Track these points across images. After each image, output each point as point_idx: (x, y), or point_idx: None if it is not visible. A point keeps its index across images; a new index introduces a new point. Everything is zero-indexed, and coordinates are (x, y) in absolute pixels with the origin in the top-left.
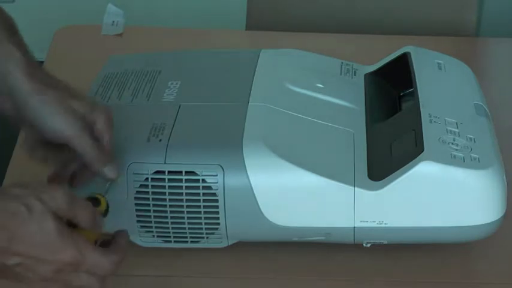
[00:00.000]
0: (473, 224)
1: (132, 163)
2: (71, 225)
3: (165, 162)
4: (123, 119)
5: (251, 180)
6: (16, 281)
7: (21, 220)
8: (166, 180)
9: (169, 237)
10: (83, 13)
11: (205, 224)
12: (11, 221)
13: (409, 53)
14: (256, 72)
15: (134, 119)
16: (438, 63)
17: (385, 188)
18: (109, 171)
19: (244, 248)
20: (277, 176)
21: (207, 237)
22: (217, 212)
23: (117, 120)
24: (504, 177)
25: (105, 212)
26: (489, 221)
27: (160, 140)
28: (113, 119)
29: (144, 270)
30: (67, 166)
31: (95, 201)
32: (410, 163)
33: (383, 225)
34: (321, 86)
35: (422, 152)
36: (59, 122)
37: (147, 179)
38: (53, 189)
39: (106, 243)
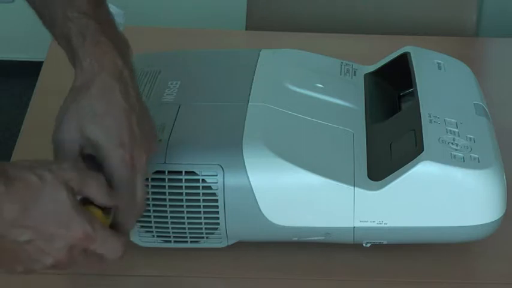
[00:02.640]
0: (473, 224)
1: None
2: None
3: (165, 162)
4: None
5: (251, 180)
6: (27, 268)
7: (33, 190)
8: (166, 180)
9: (169, 237)
10: None
11: (205, 224)
12: (22, 191)
13: (408, 53)
14: (256, 72)
15: None
16: (438, 63)
17: (385, 188)
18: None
19: (244, 248)
20: (277, 176)
21: (207, 237)
22: (217, 212)
23: None
24: (504, 177)
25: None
26: (489, 221)
27: (160, 140)
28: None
29: (144, 270)
30: None
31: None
32: (410, 163)
33: (383, 225)
34: (321, 86)
35: (422, 152)
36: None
37: (147, 179)
38: (62, 161)
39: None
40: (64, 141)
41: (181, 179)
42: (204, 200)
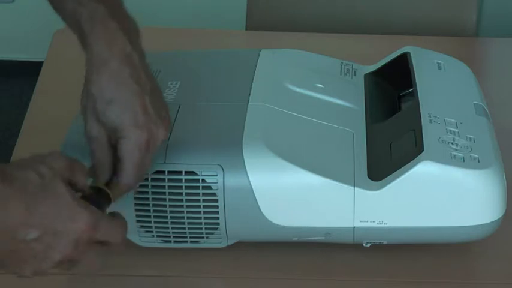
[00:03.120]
0: (473, 224)
1: None
2: None
3: (165, 162)
4: None
5: (251, 180)
6: (35, 268)
7: (35, 188)
8: (166, 180)
9: (169, 237)
10: None
11: (205, 224)
12: (25, 190)
13: (408, 53)
14: (256, 72)
15: None
16: (438, 63)
17: (385, 188)
18: None
19: (244, 248)
20: (277, 176)
21: (207, 237)
22: (217, 212)
23: None
24: (504, 177)
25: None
26: (489, 221)
27: None
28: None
29: (144, 270)
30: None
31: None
32: (410, 163)
33: (383, 225)
34: (321, 86)
35: (422, 152)
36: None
37: (147, 179)
38: (51, 153)
39: None
40: (91, 138)
41: (181, 179)
42: (204, 200)
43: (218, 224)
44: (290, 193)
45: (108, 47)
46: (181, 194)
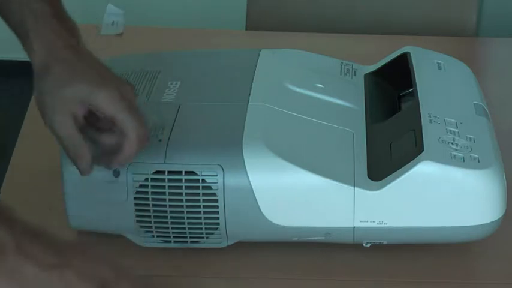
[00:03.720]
0: (473, 224)
1: (132, 163)
2: None
3: (165, 162)
4: None
5: (251, 180)
6: None
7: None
8: (166, 180)
9: (169, 237)
10: (83, 13)
11: (205, 224)
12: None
13: (408, 53)
14: (256, 72)
15: None
16: (438, 63)
17: (385, 188)
18: (83, 169)
19: (244, 248)
20: (277, 176)
21: (207, 237)
22: (217, 212)
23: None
24: (504, 177)
25: None
26: (489, 221)
27: (160, 140)
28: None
29: (144, 270)
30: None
31: None
32: (410, 163)
33: (383, 225)
34: (321, 86)
35: (422, 152)
36: None
37: (147, 179)
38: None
39: None
40: (60, 128)
41: (181, 179)
42: (204, 200)
43: (218, 224)
44: (290, 193)
45: (51, 42)
46: (181, 194)
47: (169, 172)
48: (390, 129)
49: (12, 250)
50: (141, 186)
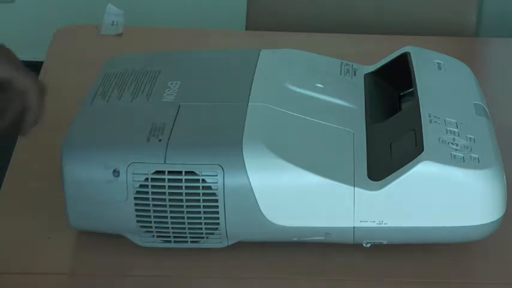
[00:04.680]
0: (473, 224)
1: (132, 163)
2: None
3: (165, 162)
4: (123, 119)
5: (251, 180)
6: None
7: None
8: (166, 180)
9: (169, 237)
10: (83, 13)
11: (205, 224)
12: None
13: (408, 53)
14: (256, 72)
15: (134, 119)
16: (438, 63)
17: (385, 188)
18: None
19: (244, 248)
20: (277, 176)
21: (207, 237)
22: (217, 212)
23: (117, 120)
24: (504, 177)
25: None
26: (489, 221)
27: (160, 140)
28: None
29: (144, 270)
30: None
31: None
32: (410, 163)
33: (383, 225)
34: (321, 86)
35: (422, 152)
36: None
37: (147, 179)
38: None
39: None
40: None
41: (181, 179)
42: (204, 200)
43: (218, 224)
44: (290, 193)
45: None
46: (181, 194)
47: (169, 172)
48: (390, 129)
49: None
50: (141, 186)
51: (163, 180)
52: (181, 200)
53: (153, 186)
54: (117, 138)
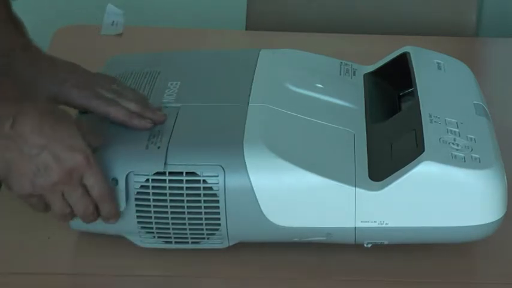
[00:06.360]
0: (473, 224)
1: (130, 172)
2: None
3: (165, 163)
4: (121, 126)
5: (252, 181)
6: (33, 183)
7: (50, 111)
8: (167, 181)
9: (170, 238)
10: (83, 13)
11: (206, 224)
12: (41, 109)
13: (408, 53)
14: (256, 72)
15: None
16: (438, 63)
17: (386, 189)
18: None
19: (245, 248)
20: (278, 177)
21: (208, 238)
22: (218, 213)
23: (114, 128)
24: (505, 177)
25: None
26: (489, 221)
27: (158, 147)
28: None
29: (144, 270)
30: None
31: None
32: (411, 163)
33: (384, 225)
34: (321, 86)
35: (423, 152)
36: None
37: (147, 180)
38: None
39: None
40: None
41: (182, 180)
42: (205, 201)
43: (219, 224)
44: (291, 193)
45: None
46: (182, 194)
47: (170, 173)
48: (391, 129)
49: None
50: (141, 187)
51: (164, 181)
52: (182, 201)
53: (154, 187)
54: (115, 146)
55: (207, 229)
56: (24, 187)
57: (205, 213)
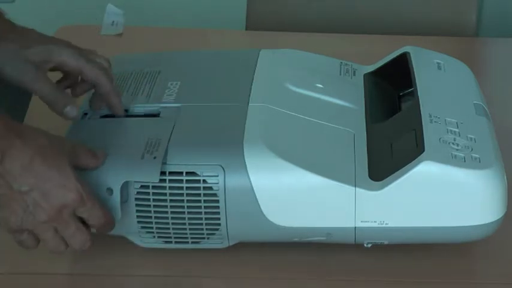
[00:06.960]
0: (473, 224)
1: (125, 182)
2: None
3: (165, 163)
4: (118, 134)
5: (252, 181)
6: (22, 221)
7: (42, 149)
8: (167, 181)
9: (170, 238)
10: (83, 13)
11: (206, 224)
12: (32, 147)
13: (408, 53)
14: (256, 72)
15: (129, 133)
16: (438, 63)
17: (386, 188)
18: (69, 111)
19: (245, 248)
20: (278, 177)
21: (208, 238)
22: (218, 213)
23: (110, 136)
24: (505, 177)
25: None
26: (489, 221)
27: (154, 158)
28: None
29: (144, 270)
30: None
31: None
32: (411, 163)
33: (384, 225)
34: (321, 86)
35: (423, 152)
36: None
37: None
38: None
39: None
40: (42, 87)
41: (182, 180)
42: (205, 201)
43: (219, 224)
44: (291, 193)
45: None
46: (182, 194)
47: (170, 173)
48: (391, 129)
49: None
50: (141, 187)
51: (164, 181)
52: (182, 201)
53: (154, 187)
54: (110, 156)
55: (207, 229)
56: (14, 223)
57: (205, 213)
